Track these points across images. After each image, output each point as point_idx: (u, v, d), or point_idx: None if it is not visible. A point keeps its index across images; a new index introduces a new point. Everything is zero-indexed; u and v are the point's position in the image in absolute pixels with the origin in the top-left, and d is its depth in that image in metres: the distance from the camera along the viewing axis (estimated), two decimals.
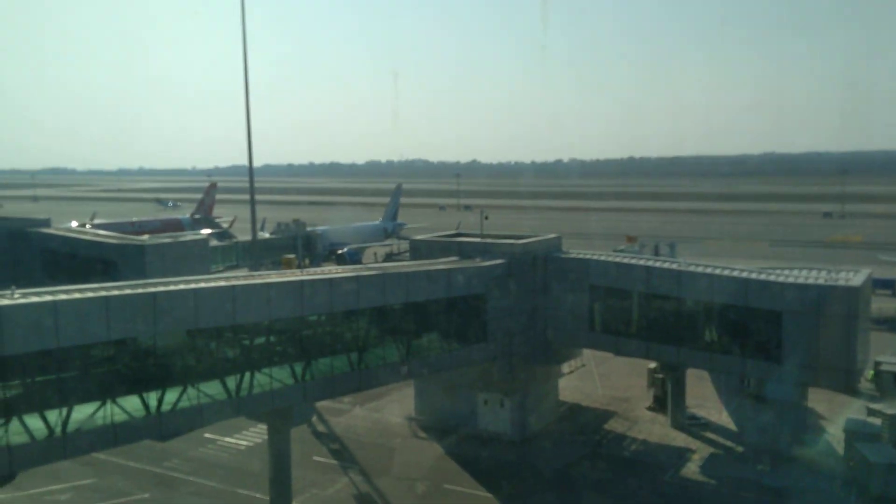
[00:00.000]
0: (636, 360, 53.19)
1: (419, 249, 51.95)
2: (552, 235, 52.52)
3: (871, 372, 56.18)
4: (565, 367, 54.93)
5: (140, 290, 32.07)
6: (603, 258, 49.47)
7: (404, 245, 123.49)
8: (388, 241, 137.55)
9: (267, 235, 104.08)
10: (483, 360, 46.79)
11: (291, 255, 58.27)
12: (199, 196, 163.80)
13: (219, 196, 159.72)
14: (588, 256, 49.72)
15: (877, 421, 46.64)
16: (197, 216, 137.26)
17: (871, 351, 49.03)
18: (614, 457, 46.21)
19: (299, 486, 40.69)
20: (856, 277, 42.80)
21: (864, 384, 54.95)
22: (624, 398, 56.55)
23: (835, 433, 47.84)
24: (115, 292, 31.43)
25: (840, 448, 45.38)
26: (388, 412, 54.16)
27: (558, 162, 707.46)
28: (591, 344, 50.17)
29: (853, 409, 50.01)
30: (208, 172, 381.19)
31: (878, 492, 39.57)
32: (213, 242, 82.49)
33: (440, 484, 42.77)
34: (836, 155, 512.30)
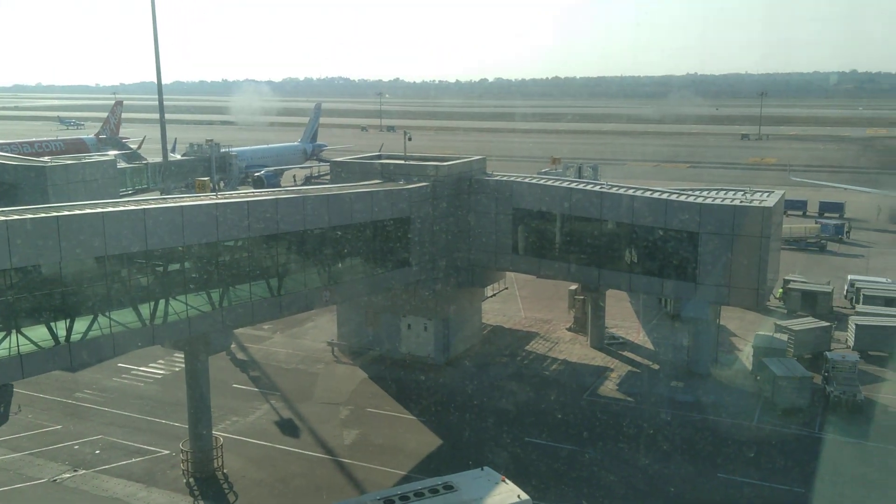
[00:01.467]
0: (558, 281, 53.93)
1: (340, 172, 50.61)
2: (476, 157, 51.86)
3: (780, 290, 58.44)
4: (488, 290, 55.25)
5: (42, 215, 30.19)
6: (526, 180, 49.24)
7: (325, 167, 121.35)
8: (307, 164, 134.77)
9: (178, 157, 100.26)
10: (406, 283, 46.47)
11: (205, 178, 55.89)
12: (103, 115, 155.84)
13: (125, 115, 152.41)
14: (512, 179, 49.43)
15: (784, 337, 48.77)
16: (102, 136, 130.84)
17: (780, 269, 50.83)
18: (536, 377, 47.04)
19: (219, 414, 40.12)
20: (769, 198, 43.79)
21: (773, 302, 57.18)
22: (545, 319, 57.42)
23: (745, 349, 49.80)
24: (16, 217, 29.49)
25: (749, 363, 47.30)
26: (309, 338, 53.63)
27: (483, 81, 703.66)
28: (514, 266, 50.34)
29: (762, 326, 52.10)
30: (113, 89, 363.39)
31: (783, 404, 41.48)
32: (121, 164, 78.86)
33: (363, 408, 42.81)
34: (756, 77, 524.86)
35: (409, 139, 53.74)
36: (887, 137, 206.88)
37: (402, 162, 50.10)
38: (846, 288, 61.21)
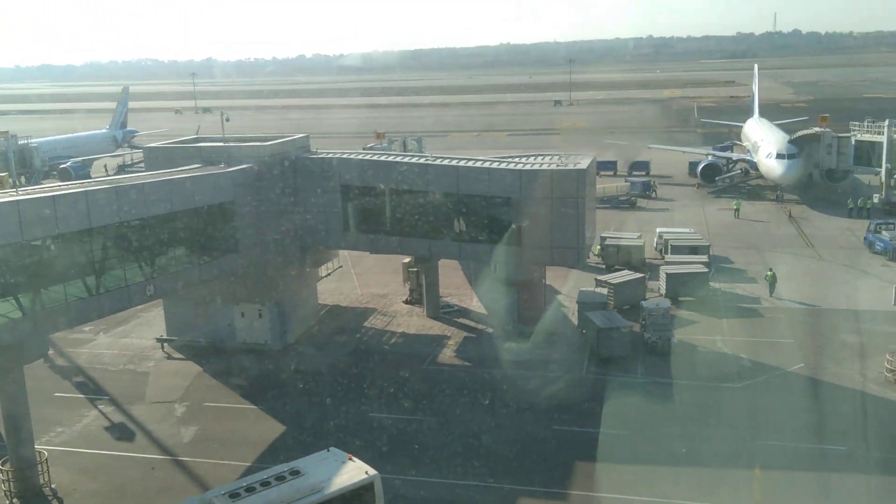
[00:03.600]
0: (392, 256, 54.43)
1: (155, 158, 48.07)
2: (299, 135, 50.95)
3: (598, 247, 62.09)
4: (322, 270, 54.84)
5: None
6: (352, 156, 49.08)
7: (138, 154, 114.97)
8: (118, 152, 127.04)
9: None
10: (236, 270, 45.13)
11: (3, 174, 51.15)
12: None
13: None
14: (338, 155, 49.07)
15: (604, 291, 51.99)
16: None
17: (597, 227, 53.99)
18: (375, 352, 47.42)
19: (42, 426, 37.35)
20: (582, 161, 46.23)
21: (593, 258, 60.67)
22: (382, 294, 57.84)
23: (570, 305, 52.64)
24: None
25: (575, 319, 50.09)
26: (136, 336, 50.94)
27: (301, 58, 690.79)
28: (346, 244, 50.21)
29: (584, 283, 55.22)
30: None
31: (607, 353, 44.29)
32: None
33: (200, 402, 41.37)
34: (564, 45, 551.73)
35: (228, 120, 52.04)
36: (682, 98, 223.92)
37: (222, 144, 48.39)
38: (655, 240, 66.03)
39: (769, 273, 54.75)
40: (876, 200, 77.69)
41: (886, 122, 78.28)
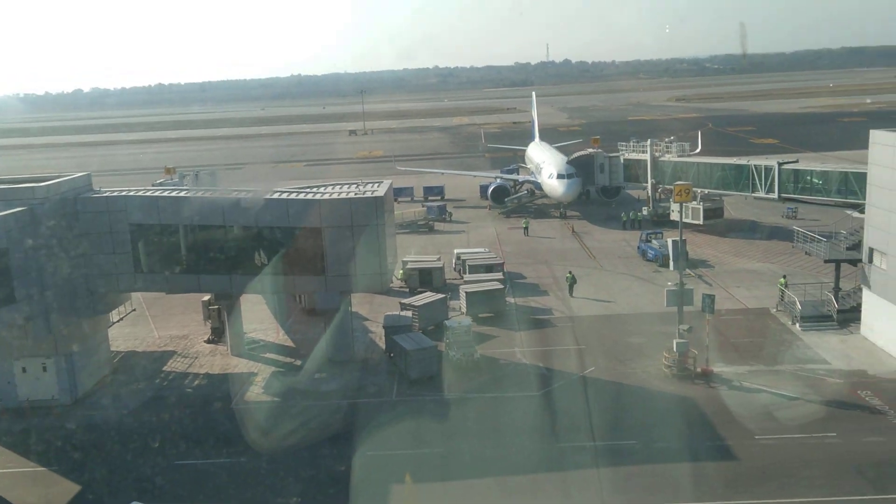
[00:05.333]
0: (191, 294, 52.37)
1: None
2: (80, 174, 47.87)
3: (401, 271, 63.44)
4: (114, 315, 51.63)
5: None
6: (141, 193, 46.87)
7: None
8: None
9: None
10: (14, 323, 41.38)
11: None
12: None
13: None
14: (124, 193, 46.65)
15: (409, 314, 53.16)
16: None
17: (398, 252, 55.25)
18: (177, 396, 45.24)
19: None
20: (379, 188, 47.26)
21: (397, 283, 61.86)
22: (182, 336, 55.36)
23: (377, 330, 53.26)
24: None
25: (383, 343, 50.75)
26: None
27: (77, 92, 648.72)
28: (139, 286, 47.70)
29: (389, 307, 56.16)
30: None
31: (415, 375, 45.26)
32: None
33: None
34: (354, 75, 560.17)
35: None
36: (469, 125, 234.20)
37: None
38: (454, 261, 68.51)
39: (569, 275, 59.49)
40: (645, 213, 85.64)
41: (649, 142, 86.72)
